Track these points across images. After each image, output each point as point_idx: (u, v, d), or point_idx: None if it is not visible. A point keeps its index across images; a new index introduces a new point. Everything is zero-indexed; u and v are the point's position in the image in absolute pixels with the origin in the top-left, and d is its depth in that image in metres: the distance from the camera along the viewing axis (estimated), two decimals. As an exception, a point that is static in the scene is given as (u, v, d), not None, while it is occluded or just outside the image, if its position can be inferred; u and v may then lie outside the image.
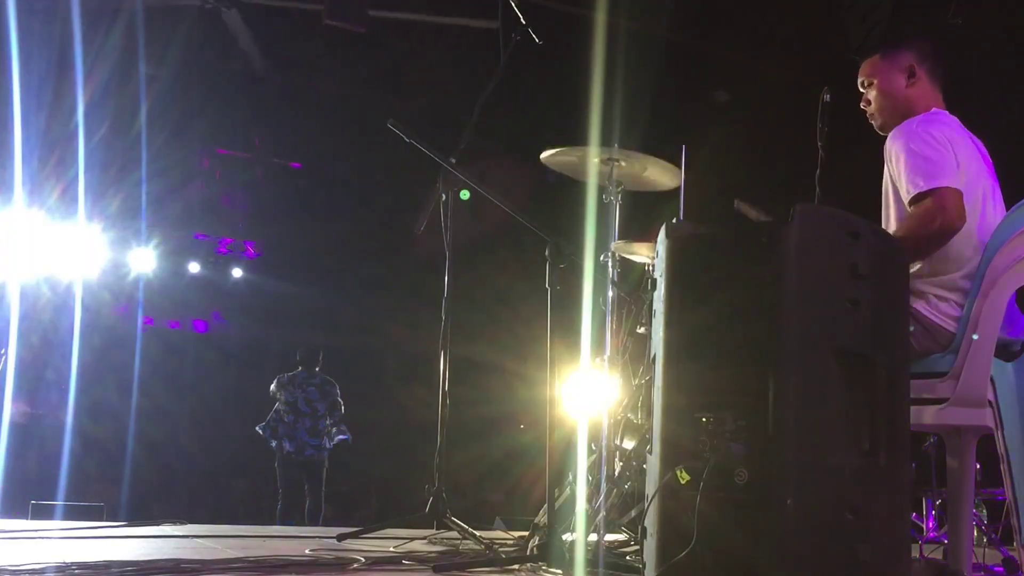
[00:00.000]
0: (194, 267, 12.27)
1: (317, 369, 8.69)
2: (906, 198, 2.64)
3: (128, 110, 8.80)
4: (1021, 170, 3.13)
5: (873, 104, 2.92)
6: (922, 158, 2.61)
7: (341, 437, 8.63)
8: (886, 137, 2.80)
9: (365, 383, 14.08)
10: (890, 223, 2.76)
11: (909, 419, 2.07)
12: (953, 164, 2.62)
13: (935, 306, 2.63)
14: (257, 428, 8.57)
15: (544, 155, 3.84)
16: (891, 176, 2.74)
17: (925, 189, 2.57)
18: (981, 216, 2.72)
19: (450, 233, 3.65)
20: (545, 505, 2.98)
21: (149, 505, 10.53)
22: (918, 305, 2.62)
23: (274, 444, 8.51)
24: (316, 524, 8.22)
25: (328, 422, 8.57)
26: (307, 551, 3.13)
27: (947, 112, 2.87)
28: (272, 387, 8.63)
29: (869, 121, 2.97)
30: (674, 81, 7.89)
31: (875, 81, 2.91)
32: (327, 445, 8.55)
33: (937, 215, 2.56)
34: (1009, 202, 2.81)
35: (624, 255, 3.87)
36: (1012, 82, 6.67)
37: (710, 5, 7.63)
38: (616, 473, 3.55)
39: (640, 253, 3.85)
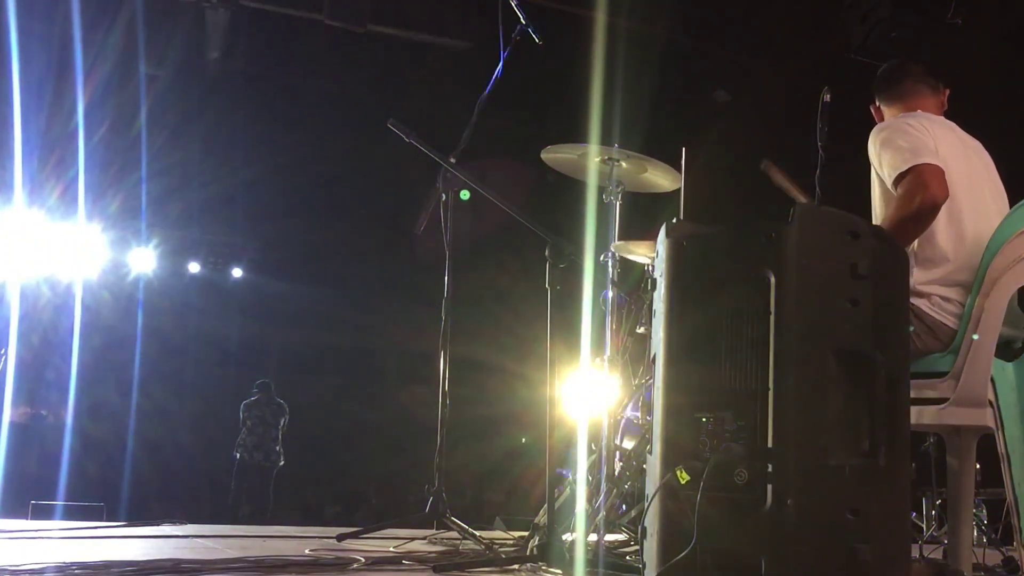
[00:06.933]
0: (194, 267, 12.25)
1: (272, 395, 10.61)
2: (891, 186, 2.68)
3: (128, 110, 8.78)
4: (1021, 170, 3.12)
5: None
6: (900, 146, 2.68)
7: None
8: None
9: (365, 383, 14.11)
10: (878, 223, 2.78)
11: (909, 419, 2.07)
12: (931, 146, 2.67)
13: (938, 304, 2.64)
14: (235, 453, 10.36)
15: (544, 153, 3.83)
16: (877, 174, 2.79)
17: (904, 169, 2.63)
18: (980, 214, 2.72)
19: (450, 233, 3.64)
20: (545, 505, 2.98)
21: (149, 505, 10.52)
22: (920, 303, 2.63)
23: (238, 456, 10.25)
24: (264, 520, 9.41)
25: (279, 435, 10.47)
26: (307, 551, 3.13)
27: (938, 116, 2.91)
28: (243, 412, 10.41)
29: None
30: (674, 81, 7.89)
31: None
32: (281, 453, 10.45)
33: (918, 190, 2.59)
34: (1009, 202, 2.82)
35: (624, 255, 3.87)
36: (1012, 82, 6.67)
37: (710, 5, 7.63)
38: (616, 473, 3.54)
39: (640, 253, 3.85)
